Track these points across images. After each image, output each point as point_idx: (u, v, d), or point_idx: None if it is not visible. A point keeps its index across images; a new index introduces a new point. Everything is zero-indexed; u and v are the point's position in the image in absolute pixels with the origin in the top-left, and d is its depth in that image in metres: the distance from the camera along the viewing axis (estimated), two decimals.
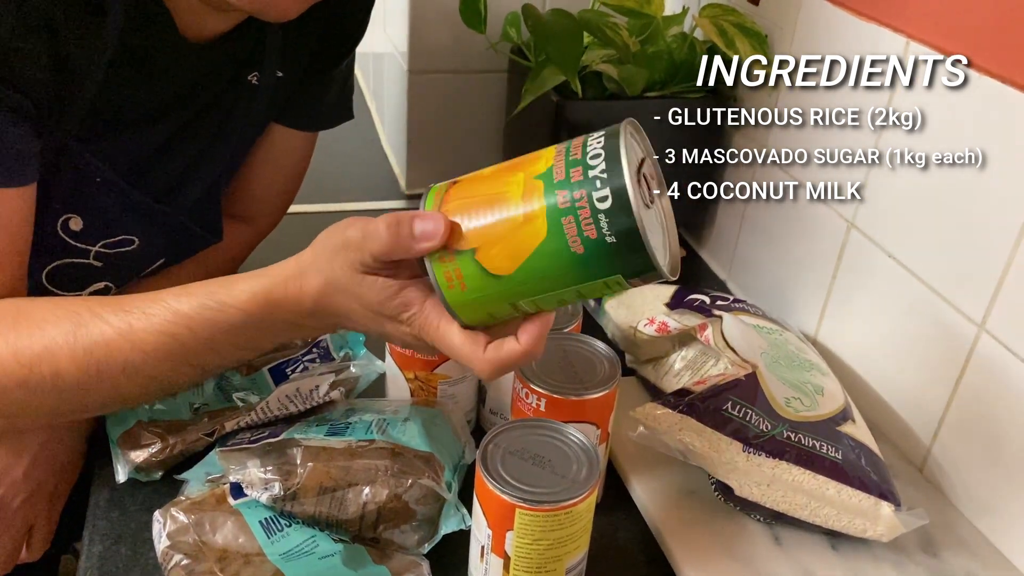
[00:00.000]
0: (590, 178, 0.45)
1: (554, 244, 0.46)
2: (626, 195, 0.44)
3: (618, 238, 0.45)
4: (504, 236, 0.47)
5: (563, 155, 0.46)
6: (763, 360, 0.68)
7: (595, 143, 0.46)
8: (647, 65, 0.94)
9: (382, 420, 0.65)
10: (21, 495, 0.68)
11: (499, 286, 0.48)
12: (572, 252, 0.46)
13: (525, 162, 0.48)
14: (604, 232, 0.45)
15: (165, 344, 0.55)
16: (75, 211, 0.66)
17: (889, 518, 0.62)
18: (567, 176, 0.45)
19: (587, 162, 0.45)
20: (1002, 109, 0.64)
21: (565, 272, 0.46)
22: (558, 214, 0.45)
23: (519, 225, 0.46)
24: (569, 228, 0.45)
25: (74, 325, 0.56)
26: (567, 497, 0.52)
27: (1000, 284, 0.65)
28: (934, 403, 0.71)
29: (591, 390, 0.61)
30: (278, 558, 0.58)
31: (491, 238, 0.47)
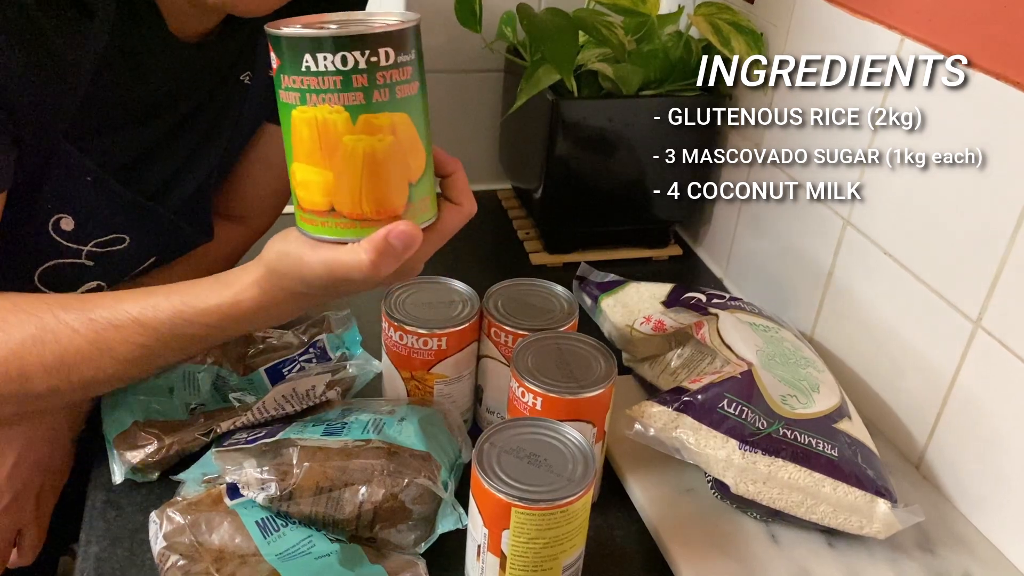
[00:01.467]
0: (368, 66, 0.48)
1: (413, 111, 0.52)
2: (391, 33, 0.49)
3: (415, 47, 0.51)
4: (403, 153, 0.52)
5: (327, 95, 0.49)
6: (759, 358, 0.68)
7: (322, 61, 0.48)
8: (642, 64, 0.94)
9: (378, 420, 0.65)
10: (6, 497, 0.68)
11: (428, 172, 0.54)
12: (416, 95, 0.52)
13: (324, 136, 0.50)
14: (409, 59, 0.51)
15: (134, 352, 0.57)
16: (66, 211, 0.66)
17: (885, 515, 0.62)
18: (362, 88, 0.49)
19: (345, 68, 0.48)
20: (999, 107, 0.64)
21: (422, 108, 0.53)
22: (393, 102, 0.50)
23: (396, 141, 0.51)
24: (401, 91, 0.50)
25: (39, 330, 0.57)
26: (563, 495, 0.52)
27: (996, 281, 0.65)
28: (930, 400, 0.72)
29: (587, 389, 0.61)
30: (274, 558, 0.58)
31: (404, 168, 0.52)
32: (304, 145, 0.51)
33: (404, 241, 0.51)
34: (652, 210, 1.03)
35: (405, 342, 0.68)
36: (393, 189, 0.52)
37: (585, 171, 0.98)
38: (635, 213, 1.03)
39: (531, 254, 1.04)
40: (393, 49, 0.49)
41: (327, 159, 0.50)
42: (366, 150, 0.50)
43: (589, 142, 0.96)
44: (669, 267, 1.06)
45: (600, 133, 0.96)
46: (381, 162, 0.51)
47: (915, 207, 0.73)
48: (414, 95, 0.51)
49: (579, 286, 0.89)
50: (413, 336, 0.68)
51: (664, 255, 1.07)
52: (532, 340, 0.65)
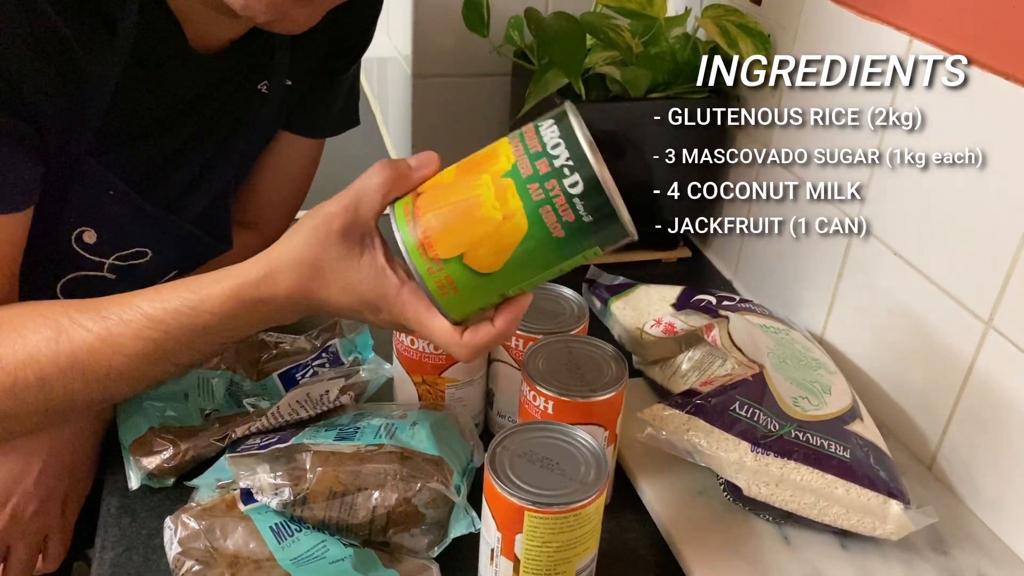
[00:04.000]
0: (557, 168, 0.48)
1: (536, 234, 0.49)
2: (596, 177, 0.48)
3: (594, 216, 0.48)
4: (487, 237, 0.49)
5: (522, 148, 0.49)
6: (770, 360, 0.68)
7: (549, 132, 0.48)
8: (650, 66, 0.94)
9: (390, 424, 0.65)
10: (34, 504, 0.69)
11: (489, 282, 0.51)
12: (554, 237, 0.49)
13: (483, 162, 0.50)
14: (581, 214, 0.48)
15: (145, 347, 0.57)
16: (89, 224, 0.67)
17: (898, 516, 0.62)
18: (534, 170, 0.48)
19: (549, 152, 0.48)
20: (1007, 105, 0.64)
21: (548, 256, 0.50)
22: (535, 207, 0.48)
23: (499, 224, 0.49)
24: (548, 217, 0.48)
25: (55, 331, 0.57)
26: (576, 499, 0.52)
27: (1007, 281, 0.65)
28: (942, 400, 0.71)
29: (598, 392, 0.61)
30: (289, 563, 0.58)
31: (475, 242, 0.50)
32: (475, 156, 0.51)
33: (419, 157, 0.52)
34: (661, 212, 1.03)
35: (416, 346, 0.69)
36: (449, 237, 0.50)
37: None
38: (644, 215, 1.02)
39: None
40: (585, 186, 0.48)
41: (464, 171, 0.51)
42: (478, 196, 0.49)
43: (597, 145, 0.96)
44: (678, 269, 1.06)
45: (608, 136, 0.96)
46: (469, 216, 0.49)
47: (925, 208, 0.72)
48: (546, 229, 0.49)
49: (588, 289, 0.90)
50: (424, 341, 0.68)
51: (673, 257, 1.07)
52: (543, 344, 0.65)
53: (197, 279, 0.58)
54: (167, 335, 0.57)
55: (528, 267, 0.50)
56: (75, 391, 0.58)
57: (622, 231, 0.49)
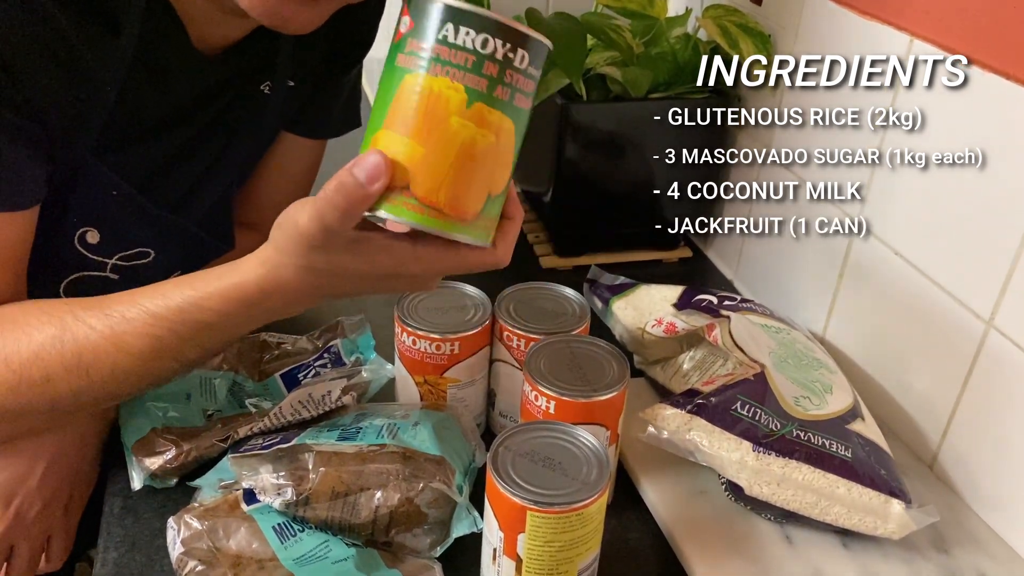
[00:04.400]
0: (504, 58, 0.46)
1: (521, 122, 0.49)
2: (531, 37, 0.47)
3: (542, 63, 0.49)
4: (495, 163, 0.49)
5: (458, 71, 0.46)
6: (771, 359, 0.68)
7: (466, 36, 0.46)
8: (651, 67, 0.94)
9: (392, 424, 0.65)
10: (37, 504, 0.69)
11: (502, 194, 0.51)
12: (527, 111, 0.49)
13: (434, 111, 0.47)
14: (535, 75, 0.48)
15: (150, 345, 0.57)
16: (92, 224, 0.67)
17: (900, 516, 0.62)
18: (488, 78, 0.47)
19: (483, 53, 0.46)
20: (1007, 105, 0.64)
21: (526, 126, 0.50)
22: (510, 104, 0.48)
23: (496, 144, 0.48)
24: (521, 101, 0.48)
25: (59, 329, 0.57)
26: (578, 499, 0.52)
27: (1008, 280, 0.65)
28: (943, 400, 0.71)
29: (600, 392, 0.61)
30: (291, 563, 0.58)
31: (488, 175, 0.49)
32: (404, 113, 0.47)
33: (367, 170, 0.47)
34: (662, 212, 1.03)
35: (418, 347, 0.69)
36: (473, 190, 0.49)
37: (595, 174, 0.99)
38: (645, 215, 1.03)
39: (541, 257, 1.04)
40: (529, 55, 0.47)
41: (425, 133, 0.47)
42: (467, 139, 0.47)
43: (598, 145, 0.96)
44: (679, 269, 1.06)
45: (609, 136, 0.96)
46: (476, 157, 0.48)
47: (926, 207, 0.73)
48: (525, 111, 0.49)
49: (590, 289, 0.90)
50: (426, 341, 0.68)
51: (674, 257, 1.07)
52: (544, 344, 0.66)
53: (200, 276, 0.58)
54: (171, 332, 0.57)
55: (519, 150, 0.51)
56: (80, 389, 0.58)
57: (547, 48, 0.49)
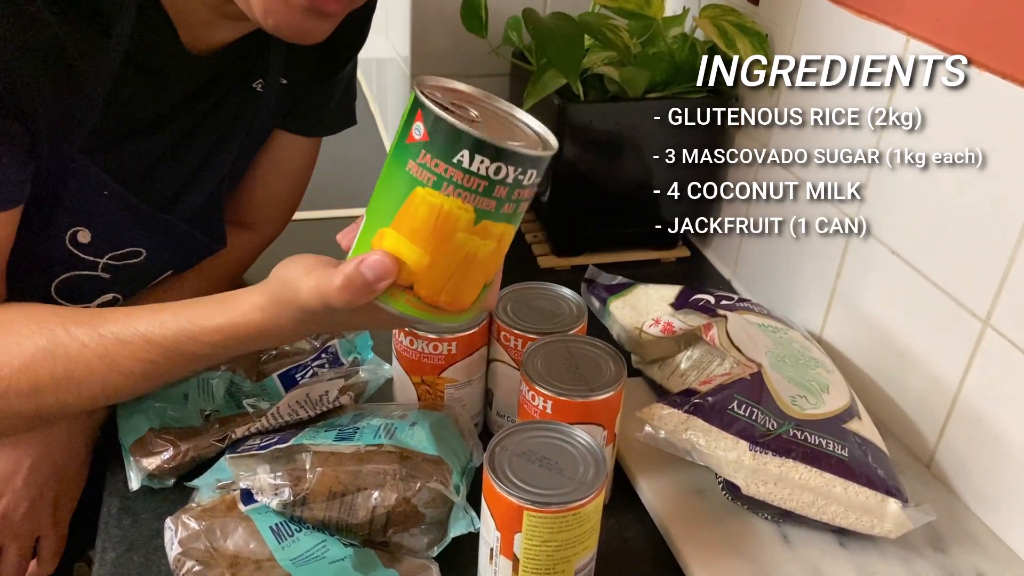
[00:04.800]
0: (512, 183, 0.48)
1: (517, 222, 0.52)
2: (537, 158, 0.49)
3: (542, 173, 0.51)
4: (496, 260, 0.53)
5: (470, 195, 0.48)
6: (768, 359, 0.69)
7: (479, 163, 0.47)
8: (648, 66, 0.95)
9: (390, 424, 0.65)
10: (24, 504, 0.69)
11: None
12: (524, 212, 0.52)
13: (443, 227, 0.49)
14: (538, 183, 0.50)
15: (143, 368, 0.58)
16: (83, 224, 0.67)
17: (896, 515, 0.62)
18: (497, 200, 0.49)
19: (496, 179, 0.48)
20: (1004, 105, 0.64)
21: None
22: (515, 215, 0.51)
23: (497, 248, 0.52)
24: (522, 207, 0.51)
25: (50, 343, 0.58)
26: (575, 498, 0.52)
27: (1004, 279, 0.65)
28: (940, 399, 0.72)
29: (597, 391, 0.61)
30: (289, 563, 0.58)
31: (489, 272, 0.53)
32: (414, 222, 0.49)
33: (376, 271, 0.49)
34: (660, 212, 1.03)
35: (415, 347, 0.69)
36: (472, 288, 0.52)
37: (592, 174, 0.99)
38: (643, 215, 1.03)
39: (539, 257, 1.04)
40: (536, 172, 0.49)
41: (432, 246, 0.49)
42: (471, 251, 0.50)
43: (596, 145, 0.96)
44: (677, 269, 1.06)
45: (607, 136, 0.96)
46: (477, 264, 0.51)
47: (924, 207, 0.73)
48: (524, 212, 0.52)
49: (587, 289, 0.90)
50: (423, 341, 0.68)
51: (672, 257, 1.07)
52: (541, 344, 0.66)
53: (197, 308, 0.58)
54: (165, 358, 0.58)
55: None
56: (68, 402, 0.59)
57: (553, 155, 0.51)
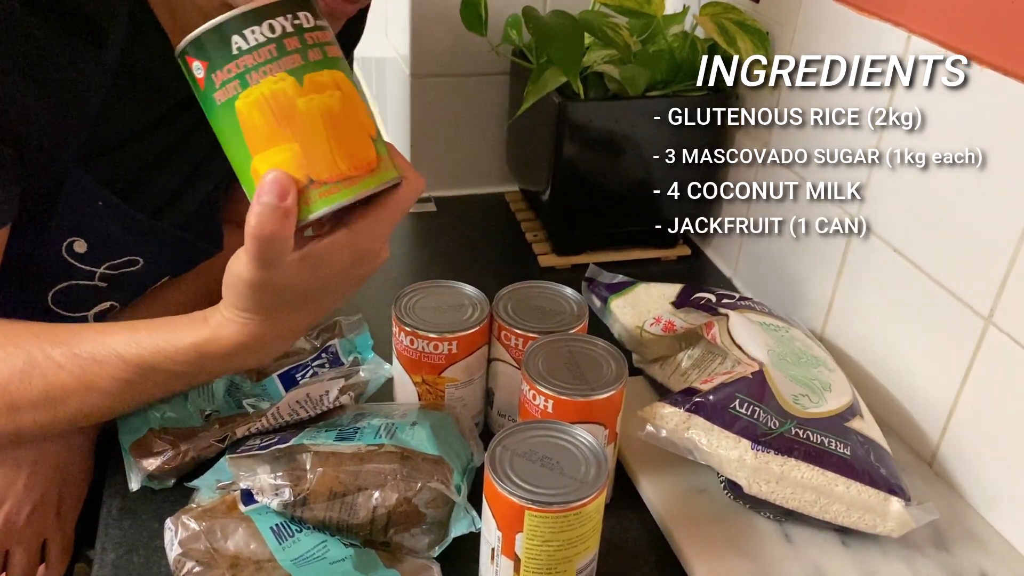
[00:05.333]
0: (293, 30, 0.49)
1: (344, 67, 0.51)
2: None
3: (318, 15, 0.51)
4: (352, 105, 0.51)
5: (265, 67, 0.48)
6: (770, 357, 0.68)
7: (251, 35, 0.48)
8: (648, 65, 0.94)
9: (390, 424, 0.65)
10: (27, 507, 0.69)
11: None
12: (341, 56, 0.52)
13: (276, 108, 0.49)
14: (323, 24, 0.51)
15: (120, 388, 0.58)
16: (78, 234, 0.66)
17: (899, 513, 0.62)
18: (299, 49, 0.49)
19: (273, 36, 0.48)
20: (1006, 103, 0.63)
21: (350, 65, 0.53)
22: (327, 61, 0.50)
23: (343, 94, 0.50)
24: (331, 50, 0.50)
25: (27, 364, 0.58)
26: (576, 498, 0.52)
27: (1007, 277, 0.64)
28: (943, 397, 0.71)
29: (598, 391, 0.61)
30: (289, 564, 0.58)
31: (360, 118, 0.51)
32: (260, 130, 0.49)
33: (273, 191, 0.48)
34: (660, 210, 1.03)
35: (416, 346, 0.69)
36: (359, 141, 0.51)
37: (592, 173, 0.99)
38: (643, 214, 1.03)
39: (539, 256, 1.04)
40: (308, 13, 0.49)
41: (287, 131, 0.49)
42: (321, 107, 0.49)
43: (596, 144, 0.96)
44: (678, 267, 1.06)
45: (607, 134, 0.96)
46: (340, 116, 0.50)
47: (924, 204, 0.72)
48: (341, 56, 0.51)
49: (588, 288, 0.90)
50: (424, 340, 0.68)
51: (673, 255, 1.07)
52: (542, 343, 0.65)
53: (171, 326, 0.58)
54: (142, 377, 0.58)
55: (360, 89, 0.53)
56: (46, 422, 0.59)
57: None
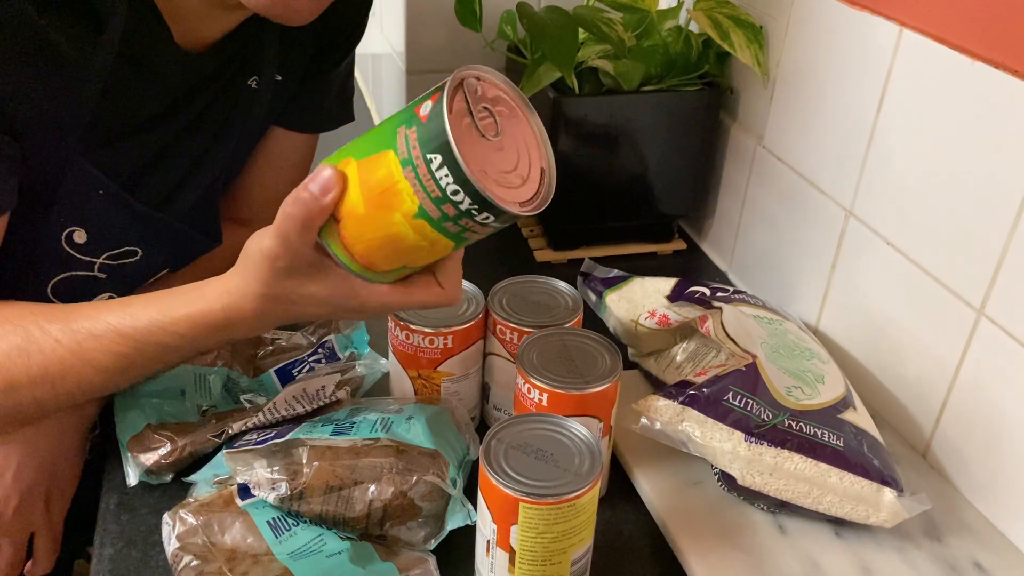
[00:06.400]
0: (464, 210, 0.49)
1: (461, 244, 0.53)
2: (499, 207, 0.49)
3: (501, 223, 0.52)
4: (420, 255, 0.54)
5: (422, 191, 0.49)
6: (763, 350, 0.69)
7: (442, 175, 0.48)
8: (643, 59, 0.95)
9: (386, 419, 0.65)
10: (15, 499, 0.69)
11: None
12: (476, 239, 0.53)
13: (388, 198, 0.50)
14: (496, 227, 0.52)
15: (116, 362, 0.59)
16: (78, 224, 0.67)
17: (892, 504, 0.63)
18: (442, 214, 0.50)
19: (451, 198, 0.49)
20: (997, 94, 0.64)
21: (469, 243, 0.54)
22: (456, 236, 0.52)
23: (428, 248, 0.53)
24: (469, 235, 0.52)
25: (24, 340, 0.58)
26: (570, 490, 0.53)
27: (998, 269, 0.65)
28: (936, 388, 0.72)
29: (593, 384, 0.61)
30: (286, 557, 0.58)
31: (411, 258, 0.55)
32: (372, 175, 0.51)
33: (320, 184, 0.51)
34: (655, 205, 1.03)
35: (411, 341, 0.69)
36: (389, 262, 0.54)
37: (588, 168, 0.99)
38: (639, 208, 1.03)
39: (535, 251, 1.05)
40: (493, 218, 0.50)
41: (372, 204, 0.51)
42: (400, 234, 0.51)
43: (591, 139, 0.96)
44: (673, 262, 1.06)
45: (602, 129, 0.96)
46: (401, 249, 0.52)
47: (916, 197, 0.73)
48: (471, 240, 0.53)
49: (583, 282, 0.90)
50: (419, 335, 0.69)
51: (668, 250, 1.07)
52: (537, 337, 0.66)
53: (166, 298, 0.59)
54: (137, 351, 0.59)
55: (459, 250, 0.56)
56: (44, 399, 0.60)
57: (517, 217, 0.52)
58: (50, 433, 0.71)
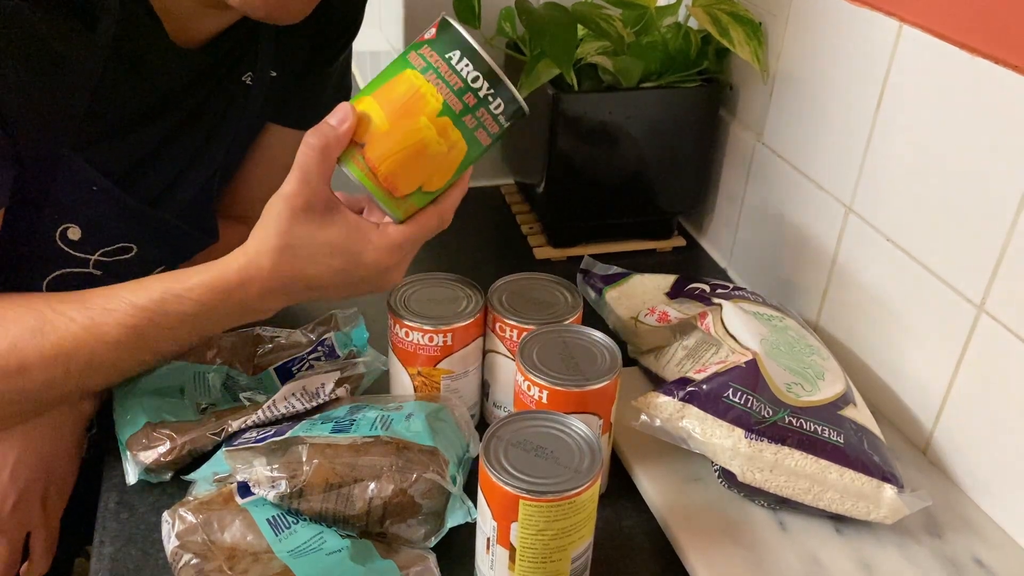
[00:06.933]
0: (483, 98, 0.57)
1: (474, 150, 0.59)
2: (513, 94, 0.58)
3: (512, 118, 0.59)
4: (438, 168, 0.59)
5: (445, 86, 0.56)
6: (763, 347, 0.69)
7: (463, 66, 0.56)
8: (642, 56, 0.94)
9: (386, 416, 0.65)
10: (11, 497, 0.69)
11: (436, 194, 0.62)
12: (484, 146, 0.60)
13: (412, 104, 0.57)
14: (503, 123, 0.59)
15: (127, 336, 0.59)
16: (73, 220, 0.67)
17: (892, 500, 0.62)
18: (464, 105, 0.57)
19: (472, 86, 0.57)
20: (997, 90, 0.64)
21: (478, 156, 0.60)
22: (471, 132, 0.58)
23: (446, 155, 0.58)
24: (481, 135, 0.59)
25: (38, 321, 0.59)
26: (570, 487, 0.53)
27: (998, 265, 0.65)
28: (936, 385, 0.72)
29: (592, 381, 0.61)
30: (286, 555, 0.58)
31: (429, 174, 0.59)
32: (390, 93, 0.57)
33: (337, 115, 0.57)
34: (655, 202, 1.03)
35: (411, 339, 0.69)
36: (410, 177, 0.59)
37: (587, 164, 0.99)
38: (638, 205, 1.03)
39: (535, 248, 1.04)
40: (504, 105, 0.58)
41: (396, 116, 0.57)
42: (424, 138, 0.57)
43: (590, 135, 0.96)
44: (673, 258, 1.06)
45: (601, 126, 0.96)
46: (424, 155, 0.58)
47: (916, 193, 0.73)
48: (481, 145, 0.59)
49: (583, 279, 0.90)
50: (419, 333, 0.68)
51: (668, 246, 1.07)
52: (537, 334, 0.66)
53: (181, 271, 0.60)
54: (150, 323, 0.59)
55: (466, 169, 0.62)
56: (54, 380, 0.60)
57: (522, 111, 0.59)
58: (47, 431, 0.70)
